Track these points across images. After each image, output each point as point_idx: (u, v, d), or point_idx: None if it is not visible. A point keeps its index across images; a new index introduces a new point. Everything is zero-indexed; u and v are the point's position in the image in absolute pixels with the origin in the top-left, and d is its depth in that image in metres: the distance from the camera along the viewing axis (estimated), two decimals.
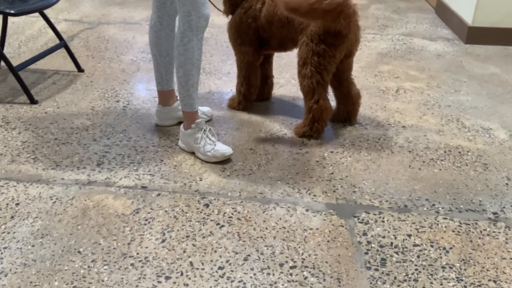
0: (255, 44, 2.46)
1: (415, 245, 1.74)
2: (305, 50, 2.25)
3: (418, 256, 1.69)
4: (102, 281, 1.56)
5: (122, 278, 1.57)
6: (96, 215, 1.85)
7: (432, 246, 1.73)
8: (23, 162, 2.16)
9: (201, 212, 1.87)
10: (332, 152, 2.28)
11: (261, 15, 2.38)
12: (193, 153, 2.23)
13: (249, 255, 1.67)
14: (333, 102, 2.48)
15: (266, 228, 1.80)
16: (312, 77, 2.25)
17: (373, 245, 1.73)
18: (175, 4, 2.21)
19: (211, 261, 1.65)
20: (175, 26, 2.25)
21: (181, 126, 2.25)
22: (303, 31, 2.27)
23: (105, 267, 1.61)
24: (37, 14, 3.01)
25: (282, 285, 1.56)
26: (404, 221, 1.85)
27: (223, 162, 2.17)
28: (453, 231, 1.81)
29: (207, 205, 1.91)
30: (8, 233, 1.75)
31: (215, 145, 2.17)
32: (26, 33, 3.65)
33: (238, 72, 2.56)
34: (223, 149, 2.17)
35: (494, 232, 1.81)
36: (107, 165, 2.15)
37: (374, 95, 2.83)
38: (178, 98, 2.18)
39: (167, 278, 1.58)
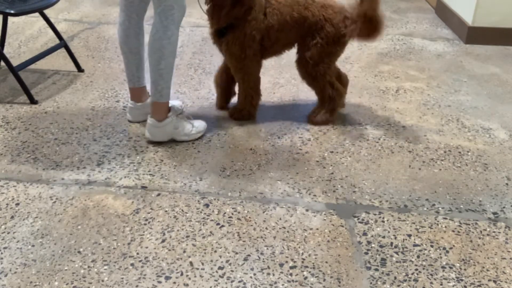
0: (258, 55, 2.40)
1: (415, 245, 1.74)
2: (318, 51, 2.33)
3: (418, 256, 1.69)
4: (102, 281, 1.56)
5: (122, 278, 1.57)
6: (96, 215, 1.85)
7: (432, 246, 1.73)
8: (23, 162, 2.16)
9: (201, 212, 1.87)
10: (332, 152, 2.28)
11: (267, 25, 2.32)
12: (192, 153, 2.23)
13: (249, 255, 1.67)
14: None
15: (266, 228, 1.80)
16: (325, 75, 2.39)
17: (373, 245, 1.73)
18: (143, 3, 2.26)
19: (211, 261, 1.65)
20: (143, 25, 2.32)
21: (151, 120, 2.23)
22: (314, 32, 2.32)
23: (105, 267, 1.61)
24: (37, 14, 3.01)
25: (282, 285, 1.56)
26: (404, 221, 1.85)
27: (223, 162, 2.17)
28: (453, 231, 1.81)
29: (207, 205, 1.91)
30: (8, 233, 1.75)
31: (193, 122, 2.32)
32: (26, 33, 3.65)
33: (244, 88, 2.45)
34: (200, 122, 2.36)
35: (494, 232, 1.81)
36: (107, 165, 2.15)
37: (374, 95, 2.83)
38: (153, 91, 2.18)
39: (167, 278, 1.58)
